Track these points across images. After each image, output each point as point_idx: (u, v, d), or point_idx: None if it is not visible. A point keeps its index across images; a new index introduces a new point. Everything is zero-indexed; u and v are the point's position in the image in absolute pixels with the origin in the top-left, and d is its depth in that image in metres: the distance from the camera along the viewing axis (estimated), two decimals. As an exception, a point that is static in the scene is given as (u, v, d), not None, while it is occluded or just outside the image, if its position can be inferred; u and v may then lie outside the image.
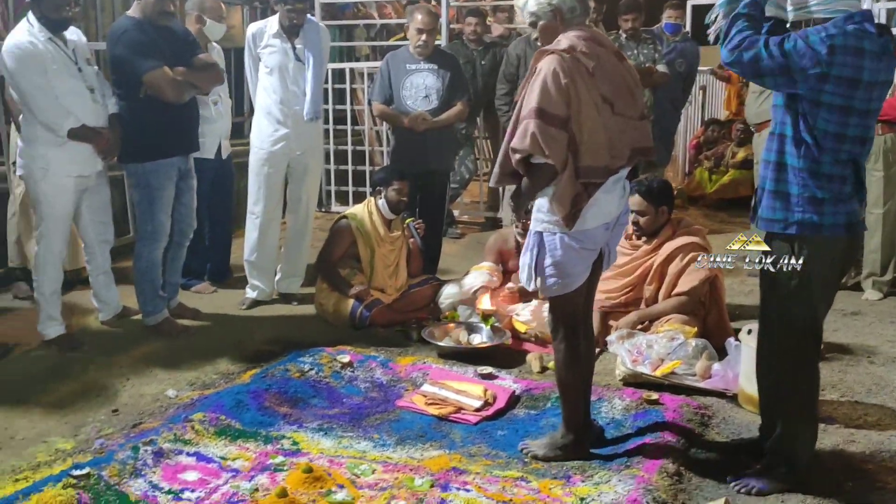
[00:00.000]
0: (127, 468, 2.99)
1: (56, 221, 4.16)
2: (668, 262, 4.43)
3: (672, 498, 2.88)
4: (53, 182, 4.09)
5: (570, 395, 3.21)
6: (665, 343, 4.13)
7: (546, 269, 3.01)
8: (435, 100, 5.26)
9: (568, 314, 3.13)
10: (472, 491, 2.99)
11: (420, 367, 4.12)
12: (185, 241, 4.68)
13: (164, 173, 4.32)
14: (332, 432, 3.48)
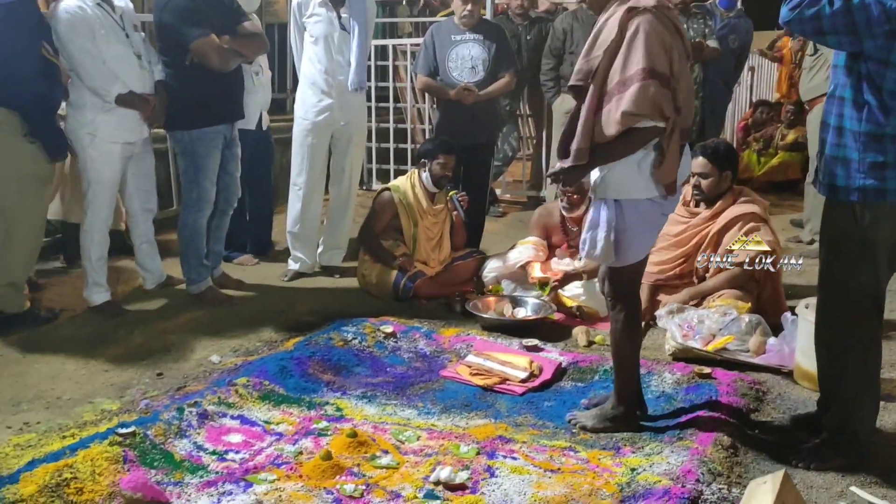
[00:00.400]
0: (172, 428, 2.97)
1: (103, 187, 4.18)
2: (725, 230, 4.27)
3: (728, 470, 2.79)
4: (100, 148, 4.11)
5: (626, 366, 3.12)
6: (717, 318, 4.01)
7: (620, 238, 2.90)
8: (481, 71, 5.18)
9: (630, 284, 3.05)
10: (518, 459, 2.93)
11: (464, 338, 4.05)
12: (229, 210, 4.67)
13: (209, 141, 4.31)
14: (376, 400, 3.44)
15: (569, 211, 4.67)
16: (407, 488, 2.71)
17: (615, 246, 2.91)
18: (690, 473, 2.69)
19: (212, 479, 2.75)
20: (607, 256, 2.95)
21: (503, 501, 2.65)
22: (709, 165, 4.28)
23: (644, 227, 2.94)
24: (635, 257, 2.98)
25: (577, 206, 4.63)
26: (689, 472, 2.70)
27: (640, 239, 2.96)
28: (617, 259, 2.95)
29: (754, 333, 3.94)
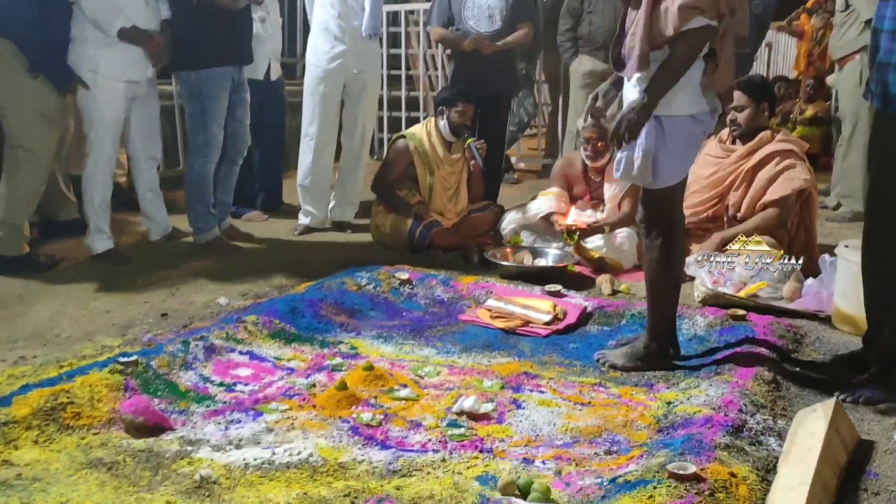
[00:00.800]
0: (177, 360, 2.79)
1: (106, 128, 3.99)
2: (760, 166, 4.06)
3: (771, 403, 2.60)
4: (103, 86, 3.92)
5: (660, 299, 2.93)
6: (748, 265, 3.81)
7: (659, 157, 2.71)
8: (499, 20, 4.99)
9: (668, 208, 2.85)
10: (546, 393, 2.74)
11: (483, 285, 3.86)
12: (238, 158, 4.49)
13: (216, 82, 4.13)
14: (392, 340, 3.26)
15: (592, 160, 4.47)
16: (428, 418, 2.53)
17: (653, 166, 2.72)
18: (732, 404, 2.50)
19: (219, 409, 2.57)
20: (644, 177, 2.75)
21: (531, 431, 2.47)
22: (744, 98, 4.08)
23: (685, 147, 2.76)
24: (673, 178, 2.79)
25: (602, 155, 4.44)
26: (731, 403, 2.51)
27: (679, 159, 2.77)
28: (654, 180, 2.76)
29: (788, 280, 3.75)
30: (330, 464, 2.22)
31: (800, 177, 3.97)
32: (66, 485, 2.05)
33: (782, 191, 3.97)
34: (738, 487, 2.01)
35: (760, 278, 3.76)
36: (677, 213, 2.91)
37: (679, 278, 3.03)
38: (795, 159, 4.02)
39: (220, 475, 2.14)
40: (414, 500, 2.04)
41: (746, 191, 4.09)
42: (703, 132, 2.79)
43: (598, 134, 4.38)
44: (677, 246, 2.90)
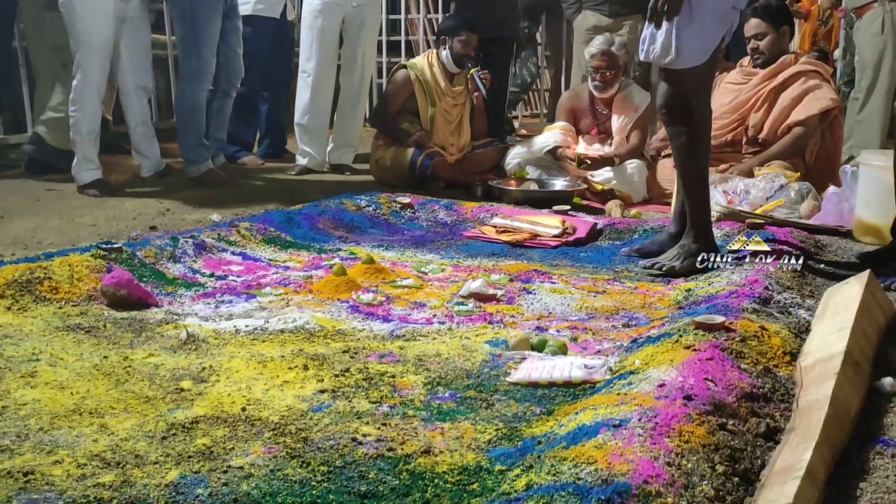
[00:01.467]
0: (165, 253, 2.62)
1: (94, 50, 3.80)
2: (783, 87, 3.87)
3: (798, 286, 2.43)
4: (91, 4, 3.74)
5: (696, 192, 2.73)
6: (764, 186, 3.65)
7: (683, 31, 2.52)
8: (502, -45, 4.84)
9: (692, 93, 2.65)
10: (558, 283, 2.57)
11: (488, 208, 3.69)
12: (231, 91, 4.32)
13: (208, 4, 3.97)
14: (394, 248, 3.09)
15: (601, 90, 4.30)
16: (433, 301, 2.36)
17: (676, 41, 2.53)
18: (757, 283, 2.34)
19: (209, 292, 2.41)
20: (665, 52, 2.56)
21: (544, 310, 2.30)
22: (763, 24, 3.91)
23: (713, 20, 2.56)
24: (698, 58, 2.58)
25: (611, 85, 4.27)
26: (756, 282, 2.35)
27: (705, 35, 2.56)
28: (677, 58, 2.56)
29: (805, 199, 3.58)
30: (328, 330, 2.06)
31: (826, 96, 3.79)
32: (40, 341, 1.89)
33: (808, 111, 3.79)
34: (770, 338, 1.85)
35: (776, 198, 3.59)
36: (701, 100, 2.71)
37: (707, 171, 2.84)
38: (821, 80, 3.86)
39: (208, 336, 1.97)
40: (419, 357, 1.88)
41: (768, 112, 3.90)
42: (732, 7, 2.59)
43: (607, 62, 4.22)
44: (703, 135, 2.71)
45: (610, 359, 1.81)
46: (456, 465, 1.36)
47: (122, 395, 1.62)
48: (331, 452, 1.40)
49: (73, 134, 3.89)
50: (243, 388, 1.66)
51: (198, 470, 1.33)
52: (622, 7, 5.57)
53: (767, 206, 3.55)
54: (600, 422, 1.37)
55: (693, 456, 1.24)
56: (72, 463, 1.34)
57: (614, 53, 4.21)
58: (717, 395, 1.47)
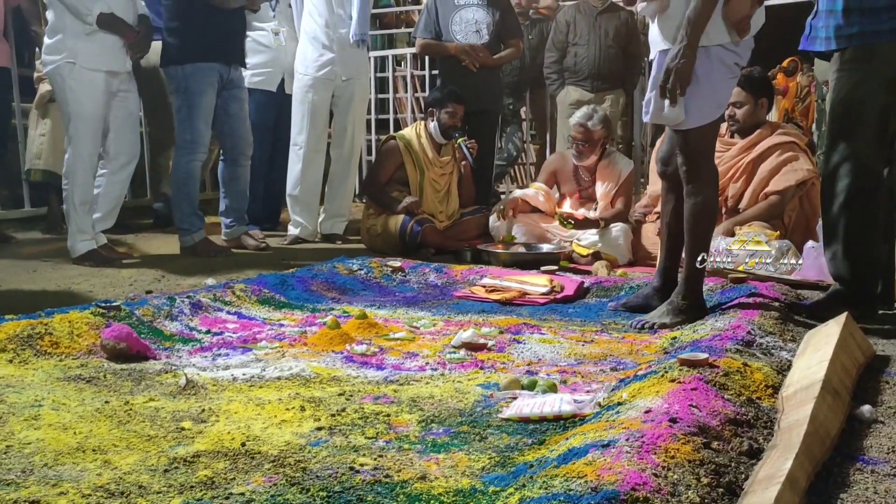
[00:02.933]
0: (162, 312, 2.68)
1: (86, 122, 3.88)
2: (761, 159, 4.00)
3: (780, 331, 2.50)
4: (81, 78, 3.83)
5: (701, 248, 2.76)
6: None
7: (691, 93, 2.58)
8: (486, 35, 5.06)
9: (707, 150, 2.71)
10: (547, 334, 2.64)
11: (477, 270, 3.77)
12: (240, 159, 4.39)
13: (202, 77, 4.12)
14: (386, 307, 3.15)
15: (578, 159, 4.44)
16: (425, 351, 2.41)
17: (685, 103, 2.59)
18: (740, 328, 2.41)
19: (206, 346, 2.46)
20: (676, 116, 2.62)
21: (534, 357, 2.36)
22: (743, 93, 4.04)
23: (717, 79, 2.61)
24: (708, 116, 2.64)
25: (586, 156, 4.41)
26: (739, 328, 2.42)
27: (713, 93, 2.62)
28: (687, 118, 2.61)
29: (785, 256, 3.69)
30: (323, 377, 2.11)
31: (803, 167, 3.94)
32: (42, 390, 1.93)
33: (786, 181, 3.91)
34: (752, 373, 1.91)
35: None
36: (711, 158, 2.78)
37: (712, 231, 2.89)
38: (797, 151, 4.00)
39: (206, 383, 2.02)
40: (412, 398, 1.92)
41: (747, 183, 4.04)
42: (735, 63, 2.64)
43: (583, 135, 4.37)
44: (713, 194, 2.76)
45: (598, 394, 1.86)
46: (451, 489, 1.40)
47: (124, 434, 1.65)
48: (329, 480, 1.44)
49: (67, 205, 3.96)
50: (242, 426, 1.71)
51: (200, 498, 1.37)
52: (604, 82, 5.81)
53: (750, 262, 3.66)
54: (589, 443, 1.42)
55: (679, 469, 1.29)
56: (76, 494, 1.38)
57: (590, 128, 4.34)
58: (701, 419, 1.52)
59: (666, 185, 2.91)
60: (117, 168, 4.18)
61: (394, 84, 8.16)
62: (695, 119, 2.63)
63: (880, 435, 1.63)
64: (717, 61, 2.59)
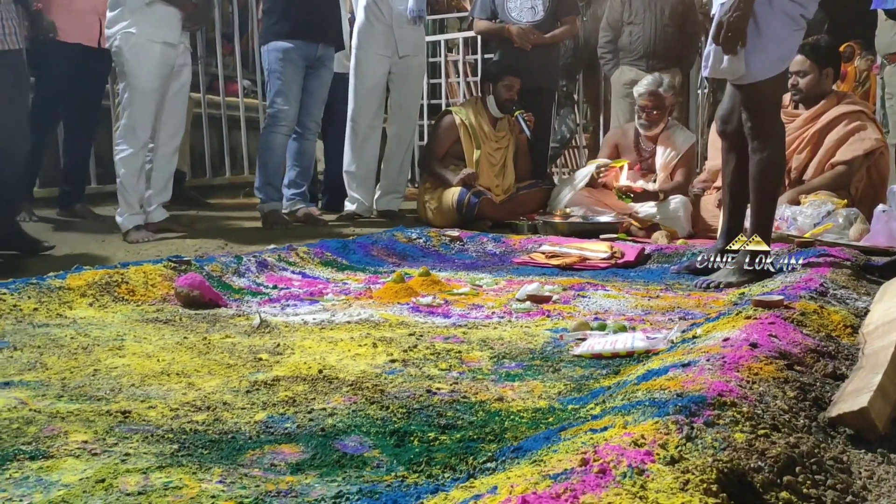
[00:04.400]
0: (230, 269, 2.74)
1: (142, 94, 3.89)
2: (828, 128, 3.90)
3: (854, 286, 2.45)
4: (138, 49, 3.85)
5: (767, 206, 2.72)
6: (811, 212, 3.69)
7: (753, 46, 2.52)
8: (541, 12, 5.03)
9: (773, 105, 2.65)
10: (611, 291, 2.63)
11: (536, 239, 3.78)
12: (305, 134, 4.46)
13: (283, 56, 4.21)
14: (447, 270, 3.17)
15: (647, 129, 4.39)
16: (490, 304, 2.42)
17: (747, 57, 2.53)
18: (813, 280, 2.37)
19: (274, 298, 2.50)
20: (735, 70, 2.56)
21: (600, 309, 2.35)
22: (807, 62, 3.94)
23: (781, 31, 2.54)
24: (773, 69, 2.57)
25: (656, 124, 4.36)
26: (812, 280, 2.37)
27: (776, 46, 2.55)
28: (749, 72, 2.55)
29: (854, 224, 3.60)
30: (392, 321, 2.13)
31: (871, 137, 3.84)
32: (123, 328, 1.98)
33: (853, 151, 3.82)
34: (830, 315, 1.88)
35: (824, 223, 3.62)
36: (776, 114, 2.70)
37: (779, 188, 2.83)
38: (865, 120, 3.90)
39: (279, 325, 2.06)
40: (482, 339, 1.93)
41: (812, 154, 3.94)
42: (801, 15, 2.57)
43: (653, 102, 4.32)
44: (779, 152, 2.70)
45: (671, 332, 1.85)
46: (529, 408, 1.41)
47: (205, 362, 1.70)
48: (408, 400, 1.46)
49: (118, 181, 3.94)
50: (318, 357, 1.73)
51: (283, 412, 1.40)
52: (659, 61, 5.71)
53: (816, 230, 3.59)
54: (669, 364, 1.41)
55: (763, 384, 1.28)
56: (165, 408, 1.42)
57: (661, 94, 4.31)
58: (782, 347, 1.50)
59: (726, 144, 2.86)
60: (167, 140, 4.21)
61: (445, 69, 8.18)
62: (758, 72, 2.57)
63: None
64: (780, 12, 2.53)
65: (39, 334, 1.88)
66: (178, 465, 1.12)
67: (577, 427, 1.15)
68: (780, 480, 0.94)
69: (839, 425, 1.16)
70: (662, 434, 1.02)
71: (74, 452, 1.16)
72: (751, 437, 1.03)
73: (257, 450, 1.21)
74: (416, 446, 1.23)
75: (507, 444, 1.19)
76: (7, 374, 1.58)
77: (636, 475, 0.88)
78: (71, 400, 1.44)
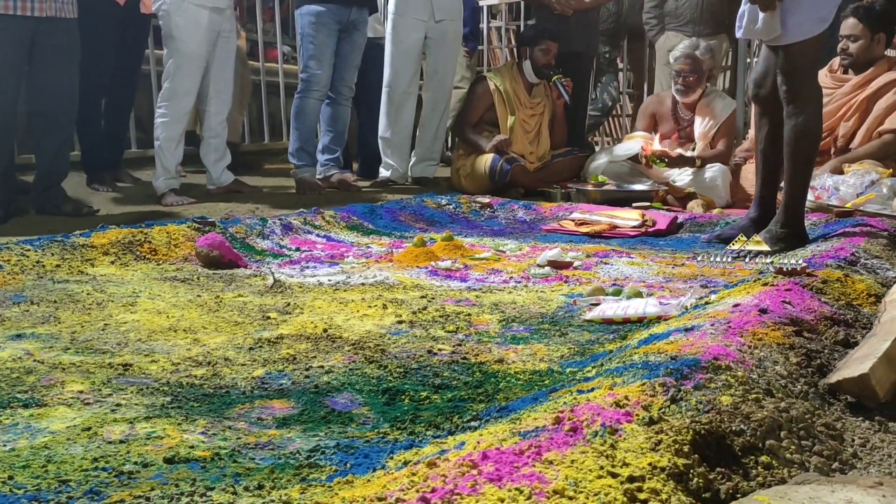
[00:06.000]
0: (254, 231, 2.76)
1: (188, 59, 3.92)
2: (877, 96, 3.74)
3: (888, 255, 2.36)
4: (186, 14, 3.87)
5: (802, 174, 2.63)
6: (855, 182, 3.56)
7: (791, 6, 2.43)
8: (582, -26, 4.94)
9: (809, 67, 2.56)
10: (636, 258, 2.58)
11: (567, 207, 3.73)
12: (340, 100, 4.44)
13: (315, 20, 4.19)
14: (473, 236, 3.14)
15: (683, 94, 4.27)
16: (510, 269, 2.40)
17: (783, 18, 2.43)
18: (844, 249, 2.29)
19: (295, 260, 2.51)
20: (771, 30, 2.46)
21: (620, 275, 2.31)
22: (859, 26, 3.79)
23: None
24: (809, 30, 2.47)
25: (693, 89, 4.24)
26: (843, 249, 2.29)
27: (813, 6, 2.45)
28: (786, 33, 2.45)
29: (898, 195, 3.47)
30: (406, 284, 2.12)
31: None
32: (140, 285, 2.01)
33: None
34: (854, 283, 1.81)
35: (867, 193, 3.50)
36: (813, 78, 2.61)
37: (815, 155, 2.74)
38: None
39: (293, 285, 2.06)
40: (494, 303, 1.91)
41: (860, 121, 3.79)
42: None
43: (690, 66, 4.20)
44: (816, 116, 2.60)
45: (685, 298, 1.81)
46: (528, 370, 1.39)
47: (213, 319, 1.71)
48: (407, 360, 1.45)
49: (156, 144, 3.93)
50: (325, 317, 1.74)
51: (282, 369, 1.40)
52: (706, 27, 5.55)
53: (858, 200, 3.47)
54: (672, 329, 1.38)
55: (766, 349, 1.24)
56: (167, 362, 1.43)
57: (698, 58, 4.19)
58: (794, 314, 1.45)
59: (759, 109, 2.76)
60: (221, 106, 4.24)
61: (488, 36, 8.08)
62: (794, 34, 2.46)
63: None
64: None
65: (58, 290, 1.92)
66: (166, 416, 1.13)
67: (567, 389, 1.13)
68: (763, 445, 0.91)
69: (839, 392, 1.12)
70: (647, 396, 1.00)
71: (68, 401, 1.18)
72: (738, 401, 0.99)
73: (247, 404, 1.22)
74: (406, 405, 1.22)
75: (496, 405, 1.17)
76: (20, 327, 1.61)
77: (608, 434, 0.86)
78: (77, 353, 1.46)
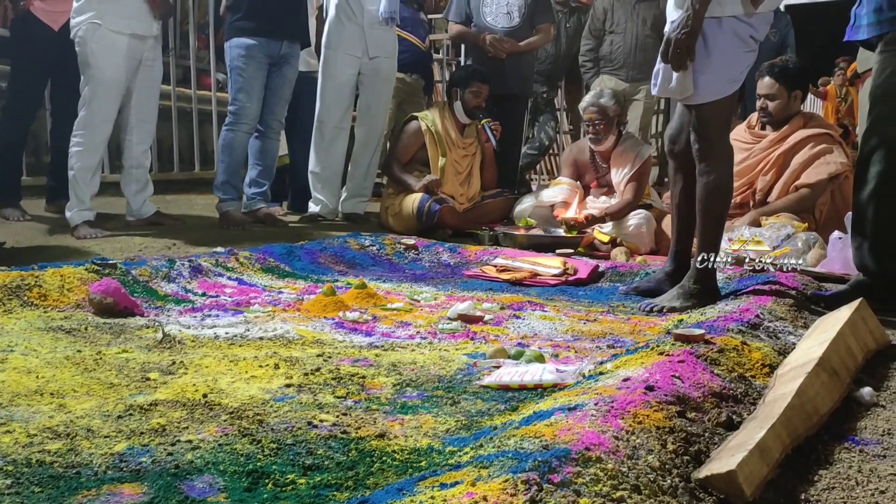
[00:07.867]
0: (160, 273, 2.65)
1: (105, 86, 3.78)
2: (793, 151, 3.82)
3: (792, 318, 2.37)
4: (102, 40, 3.74)
5: (713, 231, 2.65)
6: (770, 235, 3.61)
7: (701, 66, 2.45)
8: (517, 18, 4.97)
9: (721, 127, 2.58)
10: (549, 312, 2.55)
11: (492, 251, 3.70)
12: (268, 132, 4.41)
13: (244, 53, 4.16)
14: (391, 282, 3.09)
15: (596, 143, 4.24)
16: (419, 322, 2.34)
17: (695, 77, 2.46)
18: (749, 311, 2.29)
19: (198, 307, 2.42)
20: (683, 89, 2.48)
21: (529, 331, 2.28)
22: (776, 86, 3.86)
23: (731, 52, 2.46)
24: (721, 91, 2.50)
25: (604, 137, 4.21)
26: (747, 311, 2.30)
27: (726, 67, 2.48)
28: (697, 93, 2.48)
29: (813, 248, 3.54)
30: (307, 339, 2.05)
31: (836, 161, 3.75)
32: (18, 337, 1.90)
33: (818, 175, 3.73)
34: (750, 352, 1.80)
35: (783, 247, 3.55)
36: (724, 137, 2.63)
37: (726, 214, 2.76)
38: (831, 143, 3.82)
39: (185, 339, 1.98)
40: (393, 363, 1.86)
41: (777, 176, 3.85)
42: (751, 37, 2.49)
43: (598, 113, 4.19)
44: (727, 175, 2.62)
45: (583, 365, 1.78)
46: (408, 448, 1.33)
47: (86, 380, 1.62)
48: (284, 433, 1.38)
49: (70, 174, 3.82)
50: (209, 379, 1.66)
51: (147, 443, 1.32)
52: (638, 72, 5.65)
53: (774, 253, 3.52)
54: (556, 407, 1.34)
55: (644, 434, 1.21)
56: (22, 433, 1.34)
57: (603, 105, 4.16)
58: (681, 390, 1.43)
59: (674, 164, 2.78)
60: (143, 136, 4.14)
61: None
62: (706, 94, 2.49)
63: (878, 418, 1.52)
64: (731, 33, 2.44)
65: (-75, 342, 1.80)
66: (-3, 505, 1.04)
67: (433, 478, 1.08)
68: (615, 557, 0.87)
69: (709, 487, 1.09)
70: (508, 495, 0.95)
71: None
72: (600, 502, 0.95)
73: (93, 490, 1.13)
74: (267, 491, 1.15)
75: (359, 494, 1.11)
76: None
77: (448, 550, 0.80)
78: (-75, 420, 1.36)
